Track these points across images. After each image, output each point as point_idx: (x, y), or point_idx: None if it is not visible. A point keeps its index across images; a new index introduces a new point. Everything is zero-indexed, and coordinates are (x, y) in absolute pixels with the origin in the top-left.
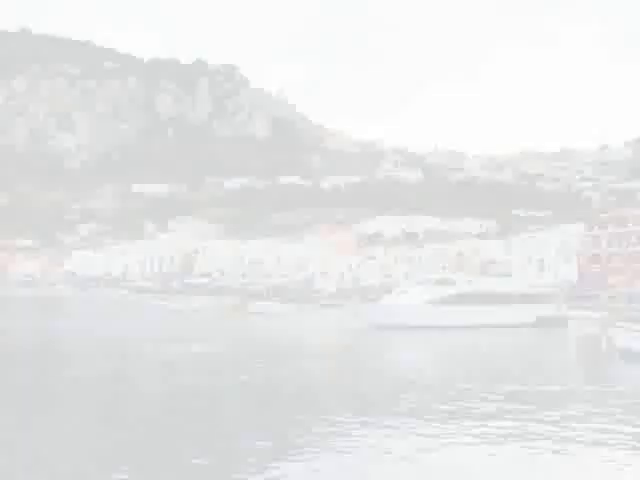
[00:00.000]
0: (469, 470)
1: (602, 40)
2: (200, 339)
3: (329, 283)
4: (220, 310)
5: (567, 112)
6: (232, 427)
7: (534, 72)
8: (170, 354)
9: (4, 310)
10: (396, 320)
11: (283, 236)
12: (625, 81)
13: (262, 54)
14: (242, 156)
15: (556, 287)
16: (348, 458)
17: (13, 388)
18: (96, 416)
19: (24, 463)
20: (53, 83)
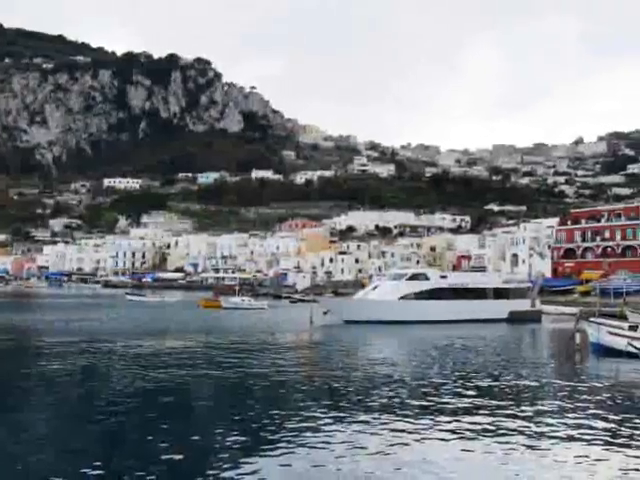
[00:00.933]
0: (442, 465)
1: (577, 35)
2: (172, 334)
3: (302, 278)
4: (193, 305)
5: (541, 107)
6: (204, 422)
7: (508, 66)
8: (142, 349)
9: None
10: (369, 315)
11: (256, 231)
12: (599, 76)
13: (235, 49)
14: (215, 151)
15: (530, 282)
16: (320, 454)
17: None
18: (68, 412)
19: None
20: (25, 77)
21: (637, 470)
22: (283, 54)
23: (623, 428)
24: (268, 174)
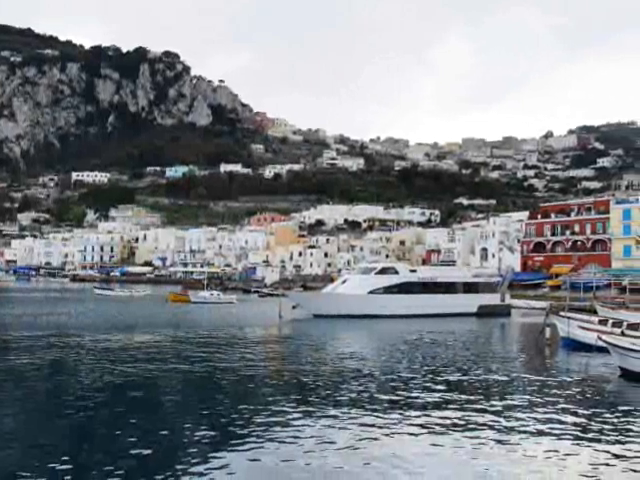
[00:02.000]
0: (412, 460)
1: (545, 28)
2: (141, 328)
3: (271, 272)
4: (161, 299)
5: (510, 100)
6: (173, 417)
7: (477, 59)
8: (111, 343)
9: None
10: (338, 309)
11: (224, 225)
12: (568, 70)
13: (203, 42)
14: (183, 144)
15: (499, 276)
16: (289, 448)
17: None
18: (35, 407)
19: None
20: None
21: (607, 465)
22: (252, 48)
23: (593, 423)
24: (237, 168)
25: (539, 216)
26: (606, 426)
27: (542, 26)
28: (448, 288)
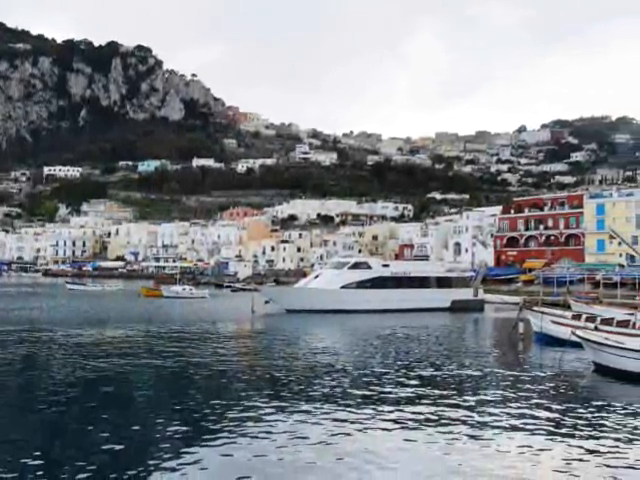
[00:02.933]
0: (385, 455)
1: (521, 22)
2: (113, 323)
3: (243, 267)
4: (133, 294)
5: (483, 94)
6: (145, 412)
7: (451, 54)
8: (83, 338)
9: None
10: (311, 304)
11: (197, 220)
12: (541, 64)
13: (176, 36)
14: (156, 139)
15: (472, 271)
16: (262, 444)
17: None
18: (7, 402)
19: None
20: None
21: (580, 460)
22: (225, 41)
23: (566, 418)
24: (209, 162)
25: (512, 211)
26: (580, 421)
27: (515, 21)
28: (421, 283)
